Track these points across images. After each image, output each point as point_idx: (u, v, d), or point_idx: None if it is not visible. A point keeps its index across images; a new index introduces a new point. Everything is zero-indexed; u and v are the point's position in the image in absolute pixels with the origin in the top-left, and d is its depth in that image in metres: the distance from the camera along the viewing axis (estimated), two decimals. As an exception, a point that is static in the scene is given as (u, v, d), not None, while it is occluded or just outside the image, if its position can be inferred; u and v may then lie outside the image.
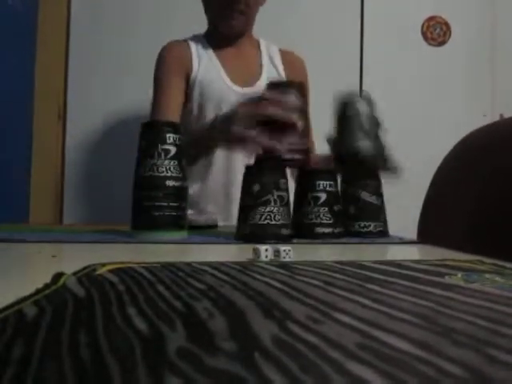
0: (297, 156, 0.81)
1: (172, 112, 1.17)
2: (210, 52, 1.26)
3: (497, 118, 1.80)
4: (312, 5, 1.82)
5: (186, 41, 1.28)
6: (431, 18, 1.89)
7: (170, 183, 0.72)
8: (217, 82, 1.21)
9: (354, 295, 0.30)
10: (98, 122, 1.73)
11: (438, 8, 1.90)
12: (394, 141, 1.95)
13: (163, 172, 0.72)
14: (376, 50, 1.86)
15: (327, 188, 0.78)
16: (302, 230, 0.78)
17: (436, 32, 1.90)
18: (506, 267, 0.42)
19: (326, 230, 0.77)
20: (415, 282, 0.34)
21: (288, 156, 0.80)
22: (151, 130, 0.75)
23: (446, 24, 1.90)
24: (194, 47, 1.26)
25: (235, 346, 0.20)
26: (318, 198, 0.78)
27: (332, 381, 0.16)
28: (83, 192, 1.72)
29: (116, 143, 1.70)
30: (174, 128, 0.75)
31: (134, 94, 1.69)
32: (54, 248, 0.64)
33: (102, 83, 1.72)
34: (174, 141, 0.74)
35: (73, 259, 0.56)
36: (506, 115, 1.70)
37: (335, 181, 0.81)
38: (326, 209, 0.77)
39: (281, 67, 1.28)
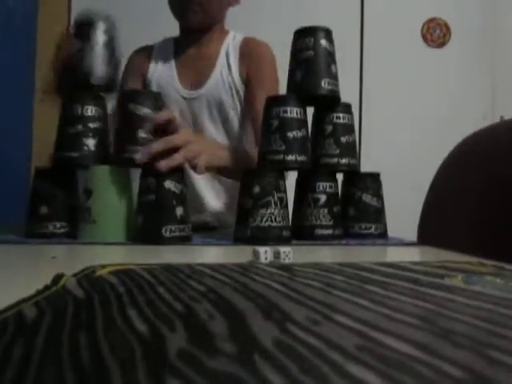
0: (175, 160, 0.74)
1: None
2: (170, 55, 1.23)
3: (497, 120, 1.80)
4: (312, 6, 1.82)
5: (151, 46, 1.26)
6: (431, 20, 1.89)
7: None
8: (167, 85, 1.18)
9: (353, 297, 0.30)
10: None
11: (438, 10, 1.90)
12: (394, 143, 1.95)
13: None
14: (376, 52, 1.86)
15: (327, 189, 0.78)
16: (301, 231, 0.78)
17: (436, 34, 1.90)
18: (505, 269, 0.42)
19: (326, 232, 0.77)
20: (415, 283, 0.34)
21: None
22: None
23: (446, 26, 1.90)
24: (156, 52, 1.24)
25: (235, 348, 0.20)
26: (317, 200, 0.78)
27: (332, 382, 0.16)
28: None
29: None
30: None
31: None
32: (54, 249, 0.64)
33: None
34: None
35: (73, 260, 0.56)
36: (506, 117, 1.70)
37: (335, 182, 0.81)
38: (326, 210, 0.77)
39: (235, 62, 1.18)
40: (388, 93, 1.84)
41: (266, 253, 0.48)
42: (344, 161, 0.82)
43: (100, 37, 0.81)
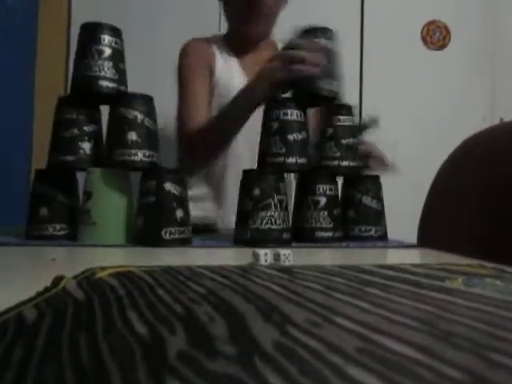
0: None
1: (202, 115, 1.14)
2: (233, 57, 1.24)
3: (497, 122, 1.80)
4: (311, 8, 1.83)
5: (207, 39, 1.26)
6: (431, 23, 1.90)
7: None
8: (238, 87, 1.19)
9: (354, 299, 0.30)
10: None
11: (438, 12, 1.90)
12: (394, 144, 1.95)
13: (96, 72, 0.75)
14: (376, 54, 1.86)
15: (327, 192, 0.78)
16: (301, 233, 0.78)
17: (436, 36, 1.90)
18: (506, 271, 0.42)
19: (326, 234, 0.77)
20: (415, 286, 0.34)
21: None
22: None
23: (446, 28, 1.90)
24: (215, 46, 1.24)
25: (235, 350, 0.20)
26: (317, 202, 0.78)
27: (332, 385, 0.16)
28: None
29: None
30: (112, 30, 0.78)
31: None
32: (54, 251, 0.64)
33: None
34: (110, 43, 0.78)
35: (73, 262, 0.56)
36: (506, 119, 1.70)
37: (335, 184, 0.81)
38: (326, 213, 0.77)
39: None
40: (388, 95, 1.84)
41: (266, 255, 0.48)
42: (344, 163, 0.82)
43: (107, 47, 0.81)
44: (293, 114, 0.78)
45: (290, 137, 0.77)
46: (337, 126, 0.84)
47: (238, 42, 1.25)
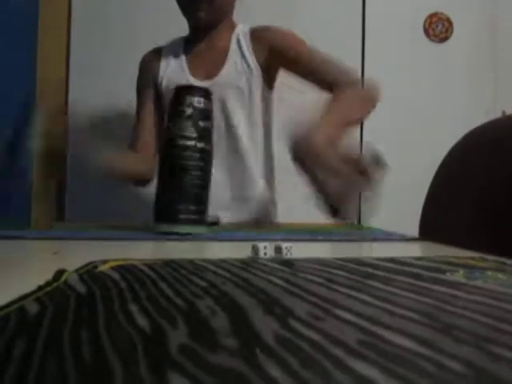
0: None
1: (137, 147, 1.23)
2: (180, 52, 1.23)
3: (499, 115, 1.80)
4: (313, 3, 1.82)
5: (160, 48, 1.26)
6: (433, 15, 1.89)
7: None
8: (178, 80, 1.17)
9: (355, 292, 0.30)
10: (99, 121, 1.73)
11: (440, 4, 1.89)
12: (396, 138, 1.95)
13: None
14: (378, 47, 1.85)
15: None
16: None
17: (438, 28, 1.89)
18: (508, 264, 0.42)
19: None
20: (417, 278, 0.34)
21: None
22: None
23: (448, 20, 1.89)
24: (165, 53, 1.24)
25: (237, 343, 0.20)
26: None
27: (333, 378, 0.16)
28: (85, 190, 1.72)
29: (118, 142, 1.70)
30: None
31: (136, 93, 1.70)
32: (55, 244, 0.64)
33: (104, 82, 1.72)
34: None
35: (74, 256, 0.56)
36: (508, 112, 1.70)
37: None
38: None
39: (248, 48, 1.18)
40: (390, 87, 1.83)
41: (265, 248, 0.48)
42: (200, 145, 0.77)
43: None
44: (206, 103, 0.78)
45: (201, 123, 0.77)
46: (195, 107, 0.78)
47: (191, 34, 1.24)
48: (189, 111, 0.77)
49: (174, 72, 1.21)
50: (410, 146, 1.80)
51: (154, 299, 0.28)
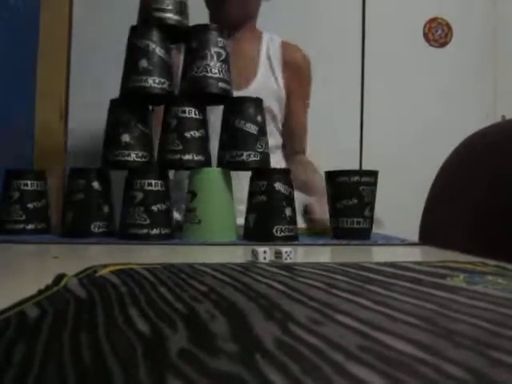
0: None
1: None
2: None
3: (499, 120, 1.80)
4: (313, 6, 1.82)
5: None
6: (433, 20, 1.89)
7: None
8: None
9: (355, 297, 0.30)
10: (100, 123, 1.73)
11: (440, 9, 1.90)
12: (396, 142, 1.95)
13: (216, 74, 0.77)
14: (378, 52, 1.86)
15: (145, 187, 0.74)
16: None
17: (438, 33, 1.90)
18: (508, 269, 0.42)
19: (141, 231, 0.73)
20: (417, 283, 0.34)
21: None
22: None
23: (448, 25, 1.90)
24: None
25: (237, 348, 0.20)
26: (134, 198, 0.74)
27: (333, 382, 0.16)
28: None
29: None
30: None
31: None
32: (55, 249, 0.64)
33: (104, 83, 1.72)
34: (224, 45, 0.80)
35: (74, 260, 0.56)
36: (508, 116, 1.70)
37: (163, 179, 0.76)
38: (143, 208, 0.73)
39: (278, 68, 1.18)
40: (390, 92, 1.84)
41: (265, 253, 0.48)
42: (187, 157, 0.77)
43: None
44: (191, 112, 0.78)
45: (187, 134, 0.77)
46: (182, 118, 0.78)
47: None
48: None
49: None
50: (409, 150, 1.80)
51: (154, 303, 0.28)
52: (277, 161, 1.17)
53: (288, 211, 0.74)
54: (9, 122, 1.43)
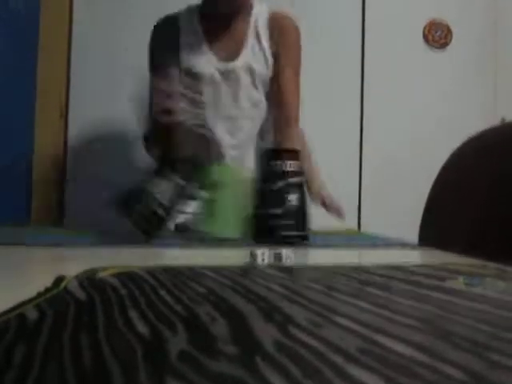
0: None
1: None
2: (197, 26, 1.21)
3: (498, 121, 1.80)
4: (313, 7, 1.83)
5: (175, 17, 1.22)
6: (432, 21, 1.89)
7: None
8: (199, 59, 1.17)
9: (355, 299, 0.30)
10: (99, 121, 1.73)
11: (440, 11, 1.90)
12: (396, 143, 1.94)
13: None
14: (377, 53, 1.86)
15: None
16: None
17: (437, 35, 1.90)
18: (507, 272, 0.42)
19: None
20: (416, 286, 0.34)
21: None
22: None
23: (448, 27, 1.90)
24: (183, 23, 1.21)
25: (236, 350, 0.20)
26: None
27: (333, 385, 0.16)
28: (85, 191, 1.72)
29: (118, 142, 1.70)
30: None
31: (136, 93, 1.70)
32: (55, 251, 0.64)
33: (104, 82, 1.72)
34: None
35: (74, 263, 0.56)
36: (508, 118, 1.70)
37: None
38: None
39: (265, 38, 1.20)
40: (389, 93, 1.84)
41: (263, 255, 0.48)
42: None
43: None
44: None
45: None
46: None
47: (209, 8, 1.20)
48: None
49: (194, 50, 1.18)
50: (409, 151, 1.80)
51: (154, 306, 0.28)
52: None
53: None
54: (9, 122, 1.43)
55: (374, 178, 1.74)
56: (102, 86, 1.72)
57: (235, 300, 0.29)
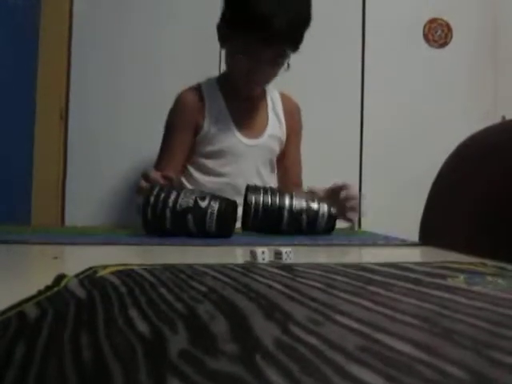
0: None
1: (172, 167, 1.21)
2: (222, 102, 1.25)
3: (498, 120, 1.80)
4: (313, 7, 1.82)
5: (199, 89, 1.26)
6: (433, 20, 1.89)
7: None
8: (225, 134, 1.23)
9: (355, 297, 0.30)
10: (100, 123, 1.73)
11: (440, 10, 1.90)
12: (396, 142, 1.94)
13: None
14: (377, 52, 1.85)
15: None
16: None
17: (437, 34, 1.90)
18: (508, 269, 0.42)
19: None
20: (417, 284, 0.34)
21: None
22: None
23: (448, 26, 1.90)
24: (207, 97, 1.24)
25: (237, 349, 0.20)
26: None
27: (333, 383, 0.16)
28: (85, 193, 1.72)
29: (118, 144, 1.70)
30: None
31: (136, 95, 1.70)
32: (55, 249, 0.64)
33: (105, 83, 1.72)
34: None
35: (74, 261, 0.56)
36: (508, 117, 1.70)
37: None
38: None
39: (281, 114, 1.32)
40: (389, 92, 1.84)
41: (263, 253, 0.48)
42: None
43: None
44: None
45: None
46: None
47: (231, 87, 1.25)
48: None
49: (218, 124, 1.23)
50: (409, 150, 1.80)
51: (154, 304, 0.28)
52: None
53: None
54: (9, 122, 1.43)
55: (373, 178, 1.74)
56: (103, 87, 1.72)
57: (235, 298, 0.29)
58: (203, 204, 0.74)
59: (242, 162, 1.23)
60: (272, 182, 1.29)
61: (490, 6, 1.93)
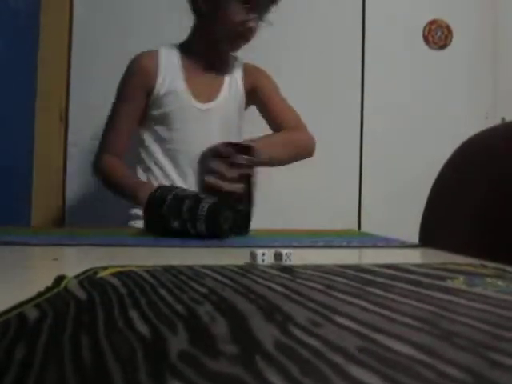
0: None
1: (118, 148, 1.24)
2: (177, 64, 1.23)
3: (498, 121, 1.80)
4: (312, 7, 1.83)
5: (156, 53, 1.25)
6: (433, 22, 1.89)
7: None
8: (177, 97, 1.21)
9: (355, 299, 0.30)
10: (99, 125, 1.73)
11: (440, 11, 1.90)
12: (396, 143, 1.94)
13: None
14: (377, 54, 1.86)
15: None
16: None
17: (437, 35, 1.90)
18: (508, 271, 0.42)
19: None
20: (417, 285, 0.34)
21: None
22: None
23: (448, 27, 1.90)
24: (163, 62, 1.23)
25: (237, 350, 0.20)
26: None
27: (333, 385, 0.16)
28: (85, 195, 1.72)
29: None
30: None
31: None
32: (55, 251, 0.64)
33: (105, 85, 1.72)
34: None
35: (74, 262, 0.56)
36: (508, 118, 1.70)
37: None
38: None
39: (240, 76, 1.30)
40: (389, 94, 1.84)
41: (263, 255, 0.48)
42: None
43: None
44: None
45: None
46: None
47: (196, 50, 1.25)
48: None
49: (171, 88, 1.21)
50: (409, 151, 1.80)
51: (154, 305, 0.28)
52: None
53: None
54: (9, 122, 1.43)
55: (373, 178, 1.74)
56: (103, 89, 1.73)
57: (235, 299, 0.29)
58: (202, 196, 0.78)
59: (194, 128, 1.20)
60: (232, 135, 1.26)
61: (489, 8, 1.93)
